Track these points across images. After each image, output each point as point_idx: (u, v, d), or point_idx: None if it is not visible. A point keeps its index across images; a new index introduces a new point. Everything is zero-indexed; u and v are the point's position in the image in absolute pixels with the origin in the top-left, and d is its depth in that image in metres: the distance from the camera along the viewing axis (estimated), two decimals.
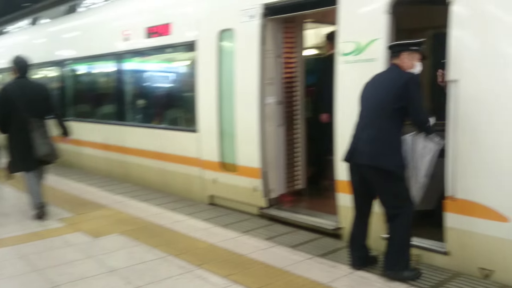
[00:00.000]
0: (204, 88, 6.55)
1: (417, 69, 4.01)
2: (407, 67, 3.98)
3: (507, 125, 3.75)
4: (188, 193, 7.00)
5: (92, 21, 9.71)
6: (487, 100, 3.85)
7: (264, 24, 5.71)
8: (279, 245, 4.81)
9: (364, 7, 4.72)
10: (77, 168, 9.55)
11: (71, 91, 10.25)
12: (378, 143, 3.89)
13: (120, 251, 4.75)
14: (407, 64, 3.98)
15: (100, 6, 10.31)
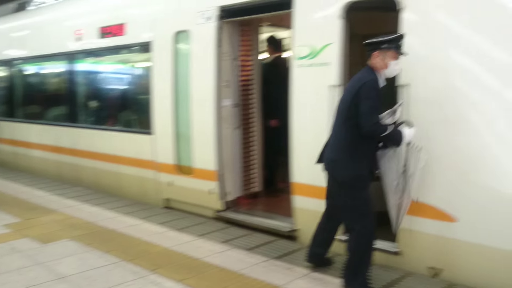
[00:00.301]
0: (160, 90, 6.45)
1: (391, 70, 3.72)
2: (380, 67, 3.71)
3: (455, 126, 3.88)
4: (143, 196, 6.87)
5: (43, 19, 9.39)
6: (436, 102, 3.97)
7: (220, 26, 5.70)
8: (234, 248, 4.80)
9: (318, 11, 4.78)
10: (26, 172, 9.20)
11: (20, 92, 9.89)
12: (335, 150, 3.82)
13: (71, 257, 4.60)
14: (379, 65, 3.70)
15: (51, 4, 9.98)
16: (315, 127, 4.75)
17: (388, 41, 3.68)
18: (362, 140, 3.66)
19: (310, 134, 4.82)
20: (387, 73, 3.74)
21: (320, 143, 4.68)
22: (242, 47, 6.11)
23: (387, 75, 3.75)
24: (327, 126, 4.60)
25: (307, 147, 4.85)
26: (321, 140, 4.66)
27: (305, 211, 4.96)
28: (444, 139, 3.93)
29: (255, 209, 6.08)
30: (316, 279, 4.02)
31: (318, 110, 4.70)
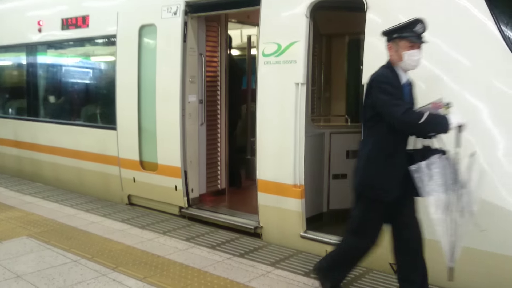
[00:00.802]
0: (124, 85, 6.34)
1: (407, 62, 3.25)
2: (395, 61, 3.30)
3: None
4: (106, 193, 6.74)
5: (3, 8, 9.06)
6: None
7: (187, 21, 5.64)
8: (198, 246, 4.77)
9: (285, 9, 4.80)
10: None
11: None
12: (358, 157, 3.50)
13: (28, 255, 4.46)
14: (394, 58, 3.30)
15: None
16: (281, 124, 4.77)
17: (398, 29, 3.26)
18: (375, 146, 3.32)
19: (276, 131, 4.84)
20: (403, 66, 3.29)
21: (285, 140, 4.73)
22: (209, 42, 6.07)
23: (405, 68, 3.30)
24: (293, 123, 4.65)
25: (272, 144, 4.87)
26: (287, 137, 4.71)
27: (270, 208, 4.98)
28: None
29: (219, 206, 6.07)
30: (279, 276, 4.04)
31: (284, 107, 4.72)
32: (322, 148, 5.24)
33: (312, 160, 4.91)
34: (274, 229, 5.03)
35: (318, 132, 5.18)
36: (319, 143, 5.17)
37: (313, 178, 5.02)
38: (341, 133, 5.33)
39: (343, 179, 5.20)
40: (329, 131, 5.26)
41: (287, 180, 4.76)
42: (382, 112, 3.21)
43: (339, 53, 6.12)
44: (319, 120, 5.79)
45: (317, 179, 5.16)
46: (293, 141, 4.68)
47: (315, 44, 4.91)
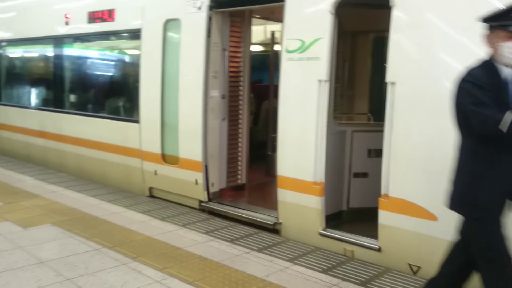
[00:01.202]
0: (147, 78, 6.41)
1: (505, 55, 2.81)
2: (493, 54, 2.88)
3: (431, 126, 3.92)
4: (127, 184, 6.84)
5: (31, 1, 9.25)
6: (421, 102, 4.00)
7: (211, 16, 5.67)
8: (217, 239, 4.81)
9: (310, 6, 4.78)
10: (9, 156, 9.09)
11: (3, 74, 9.74)
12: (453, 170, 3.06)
13: (52, 242, 4.57)
14: (491, 51, 2.89)
15: None
16: (302, 121, 4.77)
17: (494, 17, 2.86)
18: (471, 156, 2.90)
19: (297, 128, 4.84)
20: (502, 60, 2.85)
21: (307, 137, 4.73)
22: (233, 38, 6.09)
23: (504, 62, 2.85)
24: (315, 120, 4.64)
25: (293, 141, 4.88)
26: (308, 134, 4.71)
27: (289, 205, 4.98)
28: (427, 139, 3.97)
29: (239, 201, 6.10)
30: (296, 272, 4.05)
31: (306, 104, 4.72)
32: (344, 146, 5.21)
33: (333, 158, 4.90)
34: (293, 225, 5.04)
35: (340, 130, 5.15)
36: (340, 141, 5.15)
37: (334, 176, 5.00)
38: (363, 131, 5.29)
39: (364, 177, 5.18)
40: (351, 129, 5.24)
41: (308, 177, 4.76)
42: (466, 115, 2.83)
43: (363, 50, 6.07)
44: (341, 118, 5.76)
45: (337, 177, 5.14)
46: (315, 138, 4.68)
47: (339, 41, 4.87)
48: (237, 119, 6.37)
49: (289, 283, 3.82)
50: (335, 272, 4.07)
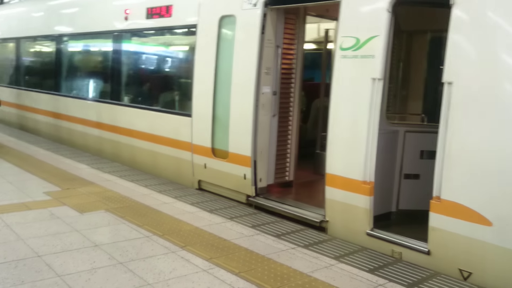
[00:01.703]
0: (201, 74, 6.54)
1: None
2: None
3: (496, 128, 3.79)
4: (178, 176, 7.01)
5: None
6: (479, 102, 3.88)
7: (266, 13, 5.71)
8: (263, 233, 4.85)
9: (366, 3, 4.74)
10: (68, 145, 9.51)
11: (66, 67, 10.18)
12: None
13: (105, 228, 4.76)
14: None
15: None
16: (354, 119, 4.74)
17: None
18: None
19: (349, 126, 4.81)
20: None
21: (358, 136, 4.69)
22: (286, 35, 6.12)
23: None
24: (367, 119, 4.60)
25: (344, 139, 4.85)
26: (360, 133, 4.67)
27: (337, 203, 4.96)
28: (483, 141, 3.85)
29: (286, 197, 6.12)
30: (342, 270, 4.03)
31: (359, 102, 4.68)
32: (395, 146, 5.13)
33: (384, 158, 4.83)
34: (340, 224, 5.01)
35: (392, 130, 5.08)
36: (392, 141, 5.08)
37: (384, 176, 4.94)
38: (416, 132, 5.19)
39: (415, 179, 5.08)
40: (403, 129, 5.15)
41: (357, 176, 4.72)
42: None
43: (419, 50, 5.95)
44: (393, 118, 5.67)
45: (387, 177, 5.07)
46: (366, 137, 4.63)
47: (395, 40, 4.81)
48: (287, 116, 6.39)
49: (334, 280, 3.81)
50: (382, 272, 4.02)
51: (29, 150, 8.57)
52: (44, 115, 10.62)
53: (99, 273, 3.71)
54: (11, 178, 6.45)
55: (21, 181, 6.33)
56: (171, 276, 3.73)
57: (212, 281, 3.68)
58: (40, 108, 10.75)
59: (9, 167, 7.17)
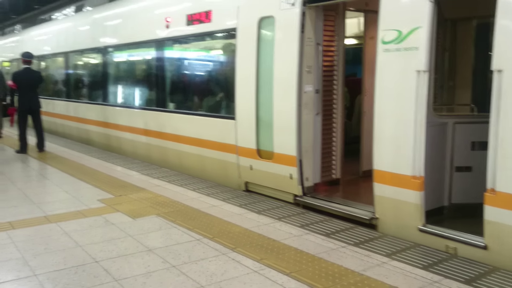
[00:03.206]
0: (243, 76, 6.59)
1: None
2: None
3: None
4: (224, 179, 7.09)
5: (134, 8, 9.89)
6: None
7: (305, 11, 5.69)
8: (313, 233, 4.84)
9: None
10: (118, 153, 9.82)
11: (113, 78, 10.51)
12: None
13: (158, 232, 4.89)
14: None
15: None
16: (400, 113, 4.65)
17: None
18: None
19: (395, 121, 4.72)
20: None
21: (405, 130, 4.60)
22: (326, 32, 6.07)
23: None
24: (413, 112, 4.50)
25: (390, 134, 4.76)
26: (407, 127, 4.58)
27: (386, 200, 4.88)
28: None
29: (333, 195, 6.07)
30: (395, 267, 3.96)
31: (404, 96, 4.59)
32: (445, 138, 4.99)
33: (433, 151, 4.71)
34: (391, 220, 4.92)
35: (440, 122, 4.94)
36: (441, 134, 4.94)
37: (434, 170, 4.81)
38: (466, 123, 5.03)
39: (467, 171, 4.93)
40: (452, 121, 5.00)
41: (406, 171, 4.63)
42: None
43: (465, 38, 5.76)
44: (441, 110, 5.51)
45: (438, 171, 4.94)
46: (413, 130, 4.54)
47: (439, 29, 4.67)
48: (331, 113, 6.34)
49: (387, 278, 3.75)
50: (437, 269, 3.92)
51: (82, 160, 8.91)
52: (94, 125, 11.01)
53: (153, 276, 3.81)
54: (66, 187, 6.73)
55: (76, 190, 6.59)
56: (223, 278, 3.78)
57: (263, 282, 3.70)
58: (90, 119, 11.17)
59: (65, 176, 7.48)
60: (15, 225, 5.03)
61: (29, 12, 23.55)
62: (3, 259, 4.16)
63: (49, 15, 16.90)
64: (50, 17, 16.50)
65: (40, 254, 4.25)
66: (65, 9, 16.04)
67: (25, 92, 9.54)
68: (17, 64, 14.83)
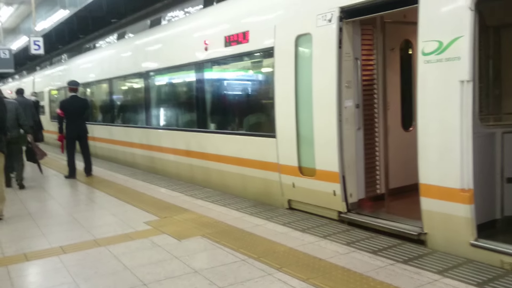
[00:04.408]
0: (282, 94, 6.61)
1: None
2: None
3: None
4: (267, 197, 7.08)
5: (173, 33, 10.15)
6: None
7: (342, 27, 5.68)
8: (359, 250, 4.74)
9: (446, 4, 4.55)
10: (162, 175, 10.00)
11: (154, 101, 10.77)
12: None
13: (203, 253, 4.92)
14: None
15: (180, 19, 10.75)
16: (445, 125, 4.53)
17: None
18: None
19: (440, 132, 4.60)
20: None
21: (450, 141, 4.47)
22: (364, 46, 6.03)
23: None
24: (458, 123, 4.38)
25: (436, 146, 4.64)
26: (452, 138, 4.45)
27: (434, 214, 4.74)
28: None
29: (379, 211, 5.95)
30: (448, 285, 3.82)
31: (448, 106, 4.48)
32: (493, 149, 4.82)
33: (481, 162, 4.55)
34: (440, 236, 4.77)
35: (488, 132, 4.78)
36: (489, 144, 4.77)
37: (484, 182, 4.64)
38: None
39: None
40: (501, 131, 4.82)
41: (454, 184, 4.49)
42: None
43: (510, 44, 5.58)
44: (488, 119, 5.33)
45: (488, 183, 4.76)
46: (459, 142, 4.40)
47: (481, 37, 4.55)
48: (372, 127, 6.25)
49: None
50: (492, 286, 3.76)
51: (128, 183, 9.13)
52: (138, 148, 11.29)
53: None
54: (114, 210, 6.89)
55: (123, 213, 6.75)
56: None
57: None
58: (134, 142, 11.45)
59: (112, 200, 7.67)
60: (66, 250, 5.18)
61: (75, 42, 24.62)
62: (56, 283, 4.29)
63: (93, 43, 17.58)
64: (94, 45, 17.14)
65: (91, 278, 4.36)
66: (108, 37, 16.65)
67: (73, 119, 9.92)
68: (64, 92, 15.47)
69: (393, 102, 6.47)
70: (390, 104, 6.43)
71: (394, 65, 6.46)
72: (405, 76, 6.56)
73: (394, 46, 6.42)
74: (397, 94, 6.51)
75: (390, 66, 6.37)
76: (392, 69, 6.43)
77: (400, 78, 6.55)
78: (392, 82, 6.41)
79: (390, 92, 6.39)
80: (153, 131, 10.56)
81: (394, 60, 6.45)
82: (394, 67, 6.47)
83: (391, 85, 6.41)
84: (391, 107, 6.44)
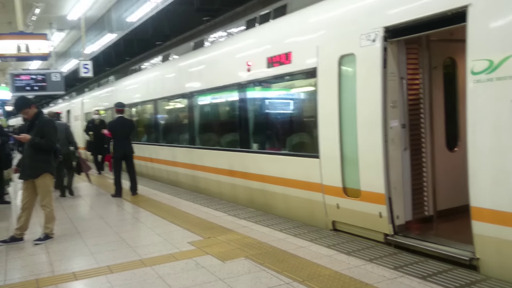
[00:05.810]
0: (325, 114, 6.57)
1: None
2: None
3: None
4: (311, 218, 7.00)
5: (216, 54, 10.32)
6: None
7: (386, 47, 5.61)
8: (407, 275, 4.59)
9: (496, 22, 4.42)
10: (205, 194, 10.08)
11: (198, 121, 10.93)
12: None
13: (247, 276, 4.89)
14: None
15: (223, 40, 10.93)
16: (498, 146, 4.37)
17: None
18: None
19: (492, 153, 4.44)
20: None
21: (505, 163, 4.30)
22: (410, 65, 5.93)
23: None
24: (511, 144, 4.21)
25: (489, 168, 4.47)
26: (507, 159, 4.28)
27: (488, 239, 4.54)
28: None
29: (427, 234, 5.76)
30: None
31: (501, 127, 4.32)
32: None
33: None
34: (494, 261, 4.56)
35: None
36: None
37: None
38: None
39: None
40: None
41: (510, 207, 4.29)
42: None
43: None
44: None
45: None
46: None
47: None
48: (420, 148, 6.10)
49: None
50: None
51: (172, 202, 9.26)
52: (182, 167, 11.45)
53: None
54: (159, 230, 6.99)
55: (167, 233, 6.82)
56: None
57: None
58: (178, 161, 11.63)
59: (157, 219, 7.79)
60: (113, 269, 5.28)
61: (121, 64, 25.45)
62: None
63: (139, 65, 18.10)
64: (140, 67, 17.64)
65: None
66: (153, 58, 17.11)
67: (120, 139, 10.21)
68: (111, 112, 15.96)
69: (437, 121, 6.31)
70: (436, 124, 6.27)
71: (438, 83, 6.32)
72: (448, 95, 6.40)
73: (437, 65, 6.29)
74: (442, 114, 6.35)
75: (434, 84, 6.24)
76: (437, 88, 6.29)
77: (444, 97, 6.40)
78: (437, 101, 6.27)
79: (435, 111, 6.25)
80: (197, 151, 10.69)
81: (438, 79, 6.31)
82: (439, 86, 6.32)
83: (436, 104, 6.26)
84: (436, 127, 6.28)
